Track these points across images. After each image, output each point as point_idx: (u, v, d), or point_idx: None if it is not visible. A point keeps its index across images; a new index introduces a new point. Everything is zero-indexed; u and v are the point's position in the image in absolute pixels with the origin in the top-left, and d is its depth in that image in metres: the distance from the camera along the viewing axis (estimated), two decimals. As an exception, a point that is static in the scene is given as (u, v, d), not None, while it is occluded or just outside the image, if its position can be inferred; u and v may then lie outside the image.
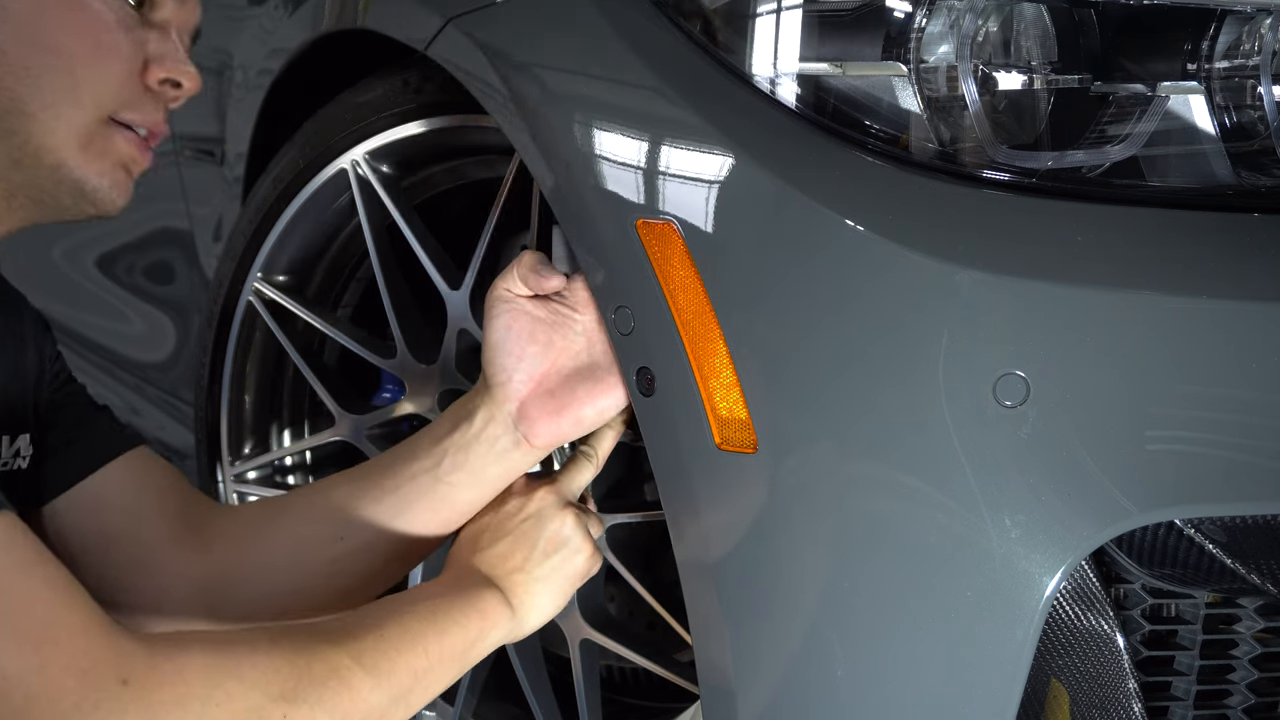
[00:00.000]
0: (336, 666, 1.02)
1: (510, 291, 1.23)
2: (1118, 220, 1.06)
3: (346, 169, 1.52)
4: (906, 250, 1.05)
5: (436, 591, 1.16)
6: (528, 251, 1.26)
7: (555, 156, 1.21)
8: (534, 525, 1.23)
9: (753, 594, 1.12)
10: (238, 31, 1.90)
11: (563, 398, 1.22)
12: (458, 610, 1.14)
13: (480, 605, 1.16)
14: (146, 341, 2.45)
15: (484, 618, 1.16)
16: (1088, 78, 1.11)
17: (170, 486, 1.30)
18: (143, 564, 1.25)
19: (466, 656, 1.14)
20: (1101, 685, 1.09)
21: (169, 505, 1.28)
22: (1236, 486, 1.03)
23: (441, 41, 1.33)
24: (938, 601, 1.06)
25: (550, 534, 1.23)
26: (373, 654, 1.05)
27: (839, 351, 1.07)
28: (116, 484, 1.25)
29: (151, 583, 1.25)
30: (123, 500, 1.26)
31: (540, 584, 1.22)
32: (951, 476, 1.04)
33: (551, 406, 1.22)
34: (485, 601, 1.17)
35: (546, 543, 1.23)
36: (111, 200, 1.13)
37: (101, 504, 1.24)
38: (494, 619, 1.17)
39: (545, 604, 1.22)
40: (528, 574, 1.21)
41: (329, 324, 1.63)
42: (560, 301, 1.24)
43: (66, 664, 0.91)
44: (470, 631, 1.14)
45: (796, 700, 1.12)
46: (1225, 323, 1.02)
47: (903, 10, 1.09)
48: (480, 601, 1.17)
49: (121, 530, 1.25)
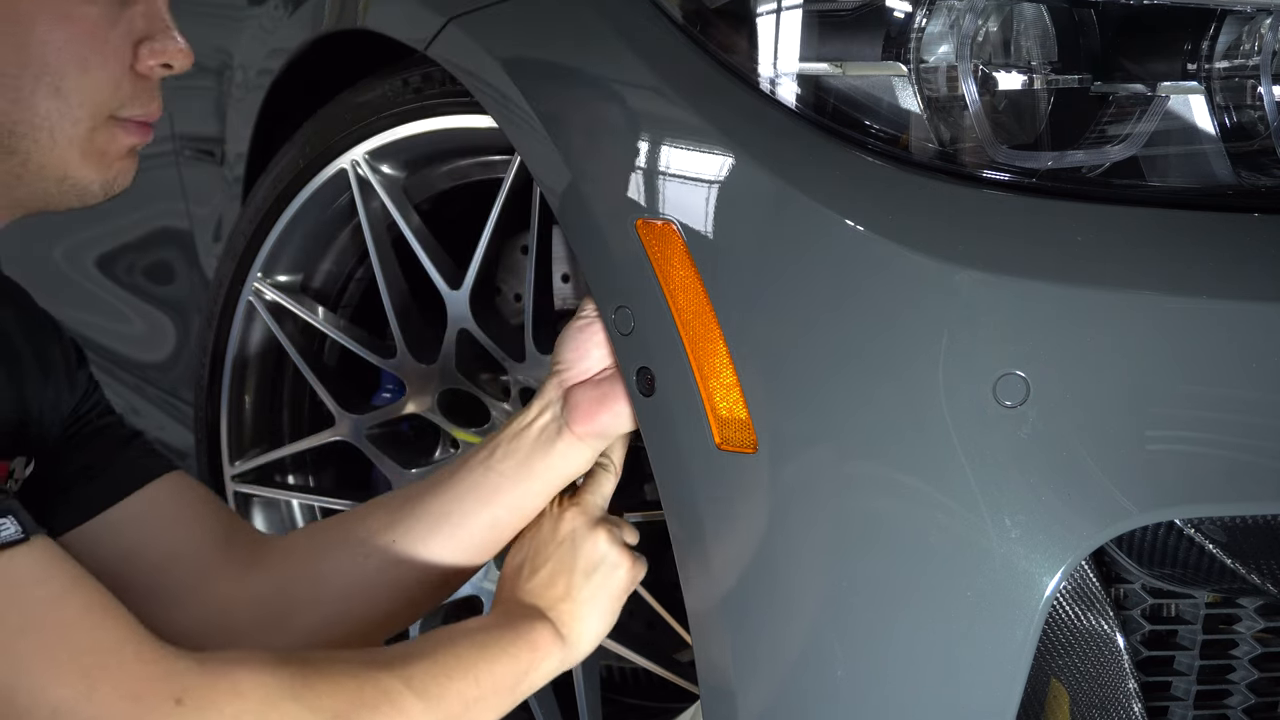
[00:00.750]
0: (389, 690, 1.01)
1: (593, 305, 1.25)
2: (1118, 220, 1.06)
3: (346, 169, 1.52)
4: (906, 250, 1.05)
5: (488, 624, 1.16)
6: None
7: (555, 156, 1.21)
8: (569, 550, 1.23)
9: (753, 594, 1.12)
10: (238, 31, 1.90)
11: (607, 389, 1.23)
12: (508, 641, 1.14)
13: (531, 637, 1.16)
14: (146, 341, 2.45)
15: (534, 649, 1.16)
16: (1088, 78, 1.11)
17: (211, 513, 1.28)
18: (188, 591, 1.24)
19: (518, 689, 1.14)
20: (1101, 685, 1.09)
21: (210, 532, 1.27)
22: (1237, 486, 1.03)
23: (442, 41, 1.33)
24: (937, 601, 1.06)
25: (586, 555, 1.23)
26: (424, 679, 1.05)
27: (839, 351, 1.07)
28: (151, 510, 1.24)
29: (198, 611, 1.24)
30: (159, 526, 1.24)
31: (587, 606, 1.21)
32: (951, 476, 1.04)
33: (595, 395, 1.23)
34: (536, 633, 1.17)
35: (585, 564, 1.22)
36: (121, 186, 1.13)
37: (138, 529, 1.23)
38: (545, 650, 1.17)
39: (595, 626, 1.22)
40: (573, 600, 1.21)
41: (329, 324, 1.63)
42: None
43: (116, 688, 0.90)
44: (521, 663, 1.14)
45: (796, 700, 1.12)
46: (1225, 323, 1.02)
47: (903, 10, 1.09)
48: (531, 634, 1.16)
49: (162, 557, 1.23)
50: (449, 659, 1.08)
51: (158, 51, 1.11)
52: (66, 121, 1.06)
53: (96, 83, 1.07)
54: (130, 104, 1.10)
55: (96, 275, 2.59)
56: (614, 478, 1.30)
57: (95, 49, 1.07)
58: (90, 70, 1.07)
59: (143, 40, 1.10)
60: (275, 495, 1.70)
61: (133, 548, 1.22)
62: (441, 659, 1.07)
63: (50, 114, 1.06)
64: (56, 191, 1.09)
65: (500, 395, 1.53)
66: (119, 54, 1.09)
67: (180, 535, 1.25)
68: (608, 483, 1.29)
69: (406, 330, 1.53)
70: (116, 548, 1.22)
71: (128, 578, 1.21)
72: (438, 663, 1.07)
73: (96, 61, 1.07)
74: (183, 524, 1.26)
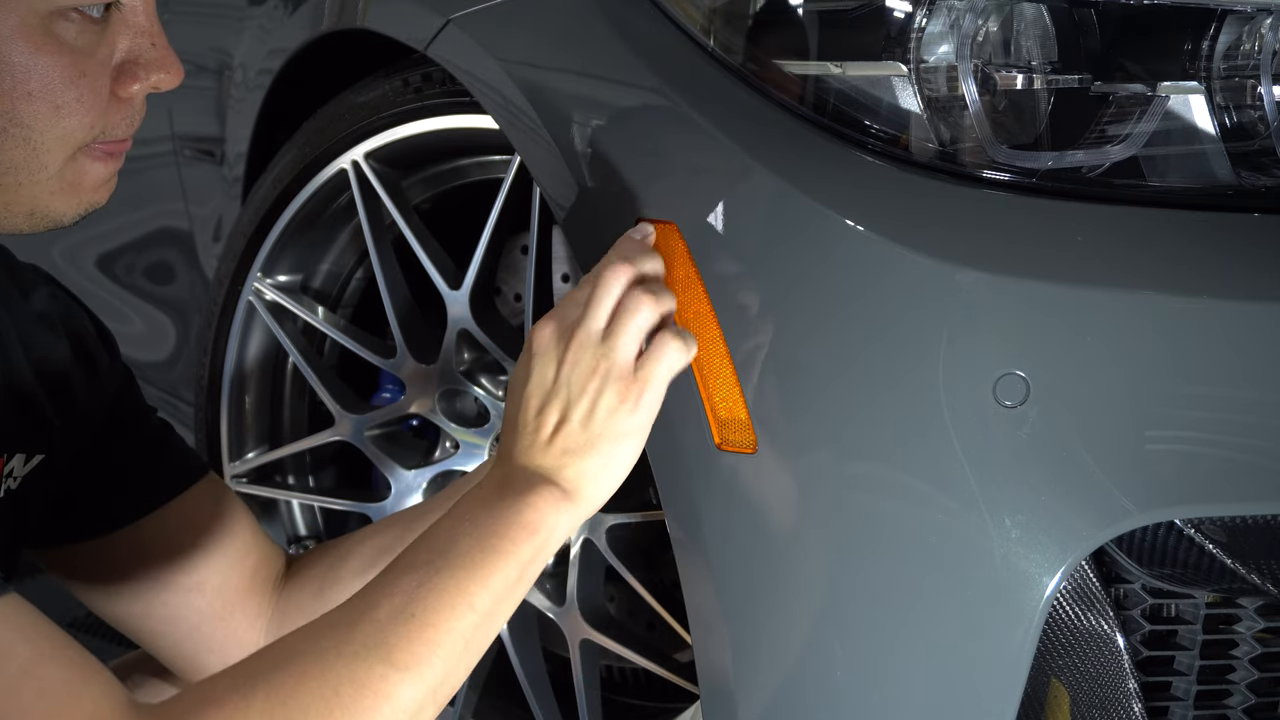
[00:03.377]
0: (367, 681, 0.90)
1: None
2: (1118, 220, 1.06)
3: (346, 169, 1.52)
4: (906, 250, 1.05)
5: (465, 525, 0.99)
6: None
7: (555, 156, 1.21)
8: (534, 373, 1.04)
9: (753, 594, 1.12)
10: (238, 31, 1.90)
11: None
12: (498, 537, 0.97)
13: (524, 519, 0.98)
14: (146, 341, 2.45)
15: (533, 531, 0.98)
16: (1088, 78, 1.11)
17: (244, 528, 1.26)
18: (218, 611, 1.23)
19: (523, 581, 0.99)
20: (1101, 685, 1.09)
21: (245, 554, 1.25)
22: (1237, 487, 1.03)
23: (442, 41, 1.33)
24: (938, 601, 1.06)
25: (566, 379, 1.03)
26: (406, 643, 0.92)
27: (839, 351, 1.07)
28: (183, 519, 1.22)
29: (224, 633, 1.23)
30: (192, 536, 1.22)
31: (588, 450, 1.02)
32: (951, 476, 1.04)
33: None
34: (530, 511, 0.99)
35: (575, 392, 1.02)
36: (97, 207, 1.03)
37: (170, 535, 1.21)
38: (547, 524, 0.99)
39: (608, 462, 1.03)
40: (566, 438, 1.02)
41: (329, 324, 1.63)
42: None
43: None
44: (521, 553, 0.98)
45: (796, 700, 1.12)
46: (1225, 323, 1.02)
47: (903, 10, 1.09)
48: (523, 513, 0.99)
49: (191, 581, 1.22)
50: (431, 602, 0.94)
51: (141, 76, 0.99)
52: (34, 166, 0.96)
53: (69, 127, 0.96)
54: (105, 134, 0.99)
55: (96, 275, 2.59)
56: (587, 288, 1.06)
57: (70, 85, 0.95)
58: (63, 114, 0.95)
59: (125, 62, 0.98)
60: (275, 495, 1.70)
61: (164, 556, 1.21)
62: (419, 609, 0.93)
63: (15, 161, 0.95)
64: (27, 225, 1.00)
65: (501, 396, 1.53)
66: (96, 88, 0.97)
67: (216, 548, 1.23)
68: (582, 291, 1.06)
69: (406, 330, 1.53)
70: (141, 552, 1.20)
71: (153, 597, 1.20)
72: (414, 617, 0.93)
73: (71, 101, 0.95)
74: (217, 538, 1.23)
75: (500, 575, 0.97)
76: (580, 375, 1.02)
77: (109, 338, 1.24)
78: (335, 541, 1.32)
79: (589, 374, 1.02)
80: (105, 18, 0.96)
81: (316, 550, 1.33)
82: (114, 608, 1.24)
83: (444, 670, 0.93)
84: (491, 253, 1.44)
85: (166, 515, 1.22)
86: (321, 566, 1.28)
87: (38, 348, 1.14)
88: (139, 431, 1.24)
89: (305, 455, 1.72)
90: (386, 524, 1.30)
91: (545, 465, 1.02)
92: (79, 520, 1.20)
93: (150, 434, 1.25)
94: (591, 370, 1.02)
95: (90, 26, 0.95)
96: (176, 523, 1.22)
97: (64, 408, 1.15)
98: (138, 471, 1.22)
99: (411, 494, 1.58)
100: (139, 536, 1.21)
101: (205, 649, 1.25)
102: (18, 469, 1.10)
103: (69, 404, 1.16)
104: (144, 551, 1.21)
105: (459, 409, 1.56)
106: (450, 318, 1.47)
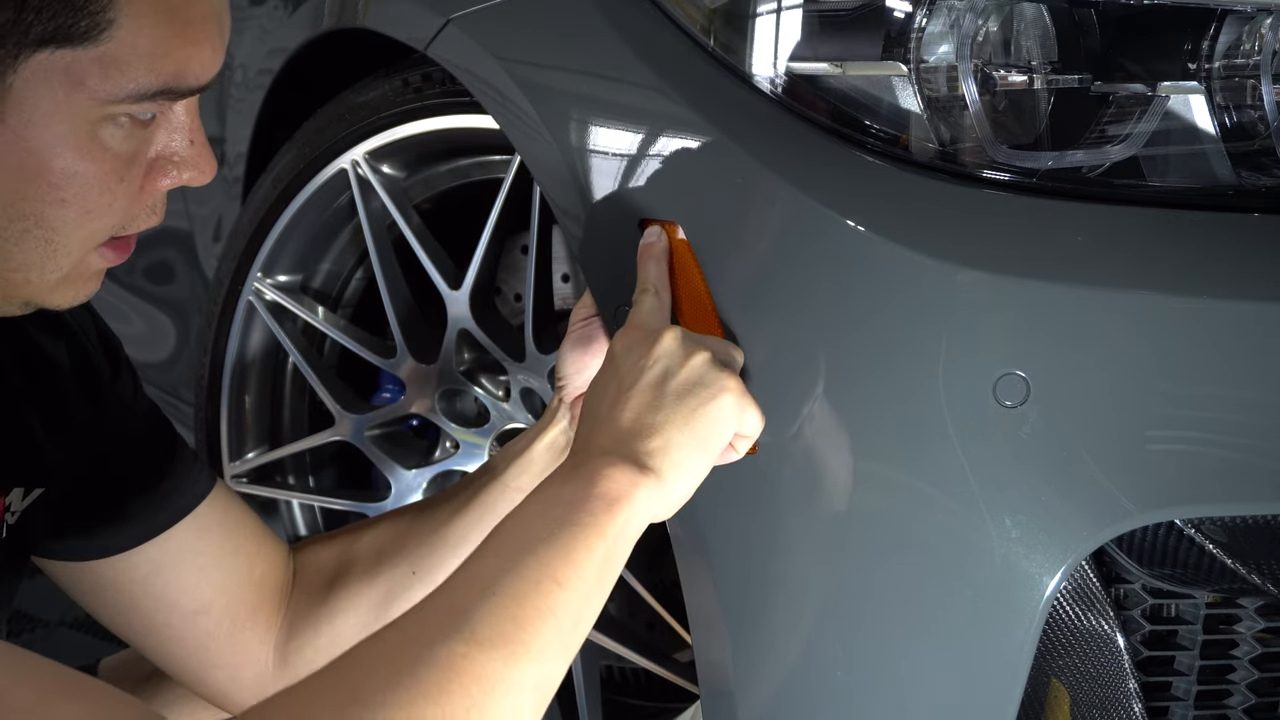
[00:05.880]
0: (450, 661, 0.83)
1: (585, 309, 1.23)
2: (1118, 220, 1.06)
3: (346, 169, 1.52)
4: (906, 250, 1.05)
5: (540, 506, 0.95)
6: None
7: (555, 156, 1.21)
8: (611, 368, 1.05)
9: (753, 594, 1.12)
10: (238, 31, 1.89)
11: None
12: (578, 507, 0.93)
13: (601, 489, 0.94)
14: (146, 341, 2.45)
15: (612, 501, 0.94)
16: (1088, 78, 1.11)
17: (249, 538, 1.25)
18: (226, 630, 1.21)
19: (613, 560, 0.94)
20: (1102, 685, 1.09)
21: (251, 567, 1.23)
22: (1237, 487, 1.03)
23: (442, 41, 1.33)
24: (938, 602, 1.06)
25: (636, 365, 1.03)
26: (489, 621, 0.86)
27: (839, 351, 1.07)
28: (187, 542, 1.20)
29: (232, 650, 1.22)
30: (196, 559, 1.20)
31: (664, 427, 0.99)
32: (951, 476, 1.04)
33: None
34: (606, 481, 0.94)
35: (633, 375, 1.02)
36: (89, 298, 1.01)
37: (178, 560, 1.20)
38: (627, 496, 0.94)
39: (679, 450, 0.99)
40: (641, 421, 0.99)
41: (329, 324, 1.63)
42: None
43: None
44: (601, 521, 0.93)
45: (796, 700, 1.12)
46: (1225, 323, 1.02)
47: (903, 10, 1.09)
48: (600, 484, 0.94)
49: (196, 603, 1.21)
50: (512, 580, 0.88)
51: (174, 175, 0.95)
52: (49, 266, 0.93)
53: (95, 229, 0.93)
54: (128, 226, 0.96)
55: (96, 275, 2.59)
56: (652, 297, 1.11)
57: (105, 191, 0.92)
58: (93, 217, 0.92)
59: (159, 158, 0.94)
60: (275, 495, 1.70)
61: (165, 584, 1.19)
62: (503, 587, 0.88)
63: (30, 261, 0.92)
64: (19, 311, 0.99)
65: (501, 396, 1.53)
66: (131, 190, 0.93)
67: (225, 568, 1.22)
68: (648, 301, 1.10)
69: (406, 330, 1.53)
70: (146, 578, 1.19)
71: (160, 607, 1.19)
72: (496, 593, 0.87)
73: (103, 206, 0.92)
74: (225, 560, 1.22)
75: (583, 549, 0.92)
76: (659, 370, 1.02)
77: (114, 349, 1.21)
78: (337, 541, 1.31)
79: (674, 365, 1.02)
80: (152, 119, 0.93)
81: (318, 550, 1.31)
82: (114, 623, 1.23)
83: (541, 644, 0.87)
84: (491, 253, 1.44)
85: (170, 539, 1.20)
86: (327, 574, 1.28)
87: (36, 366, 1.11)
88: (142, 452, 1.21)
89: (305, 455, 1.72)
90: (390, 519, 1.30)
91: (620, 443, 0.99)
92: (77, 545, 1.18)
93: (154, 453, 1.22)
94: (675, 361, 1.02)
95: (137, 130, 0.93)
96: (180, 546, 1.20)
97: (62, 439, 1.13)
98: (140, 496, 1.19)
99: (411, 494, 1.58)
100: (141, 561, 1.19)
101: (211, 665, 1.23)
102: (15, 503, 1.08)
103: (66, 433, 1.14)
104: (147, 576, 1.19)
105: (459, 409, 1.56)
106: (450, 318, 1.47)
